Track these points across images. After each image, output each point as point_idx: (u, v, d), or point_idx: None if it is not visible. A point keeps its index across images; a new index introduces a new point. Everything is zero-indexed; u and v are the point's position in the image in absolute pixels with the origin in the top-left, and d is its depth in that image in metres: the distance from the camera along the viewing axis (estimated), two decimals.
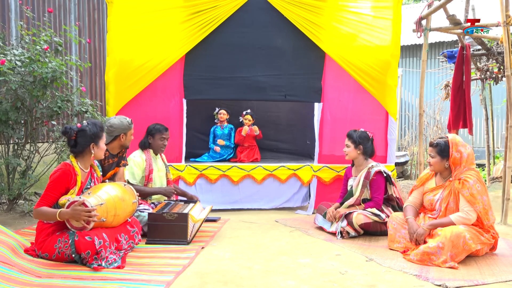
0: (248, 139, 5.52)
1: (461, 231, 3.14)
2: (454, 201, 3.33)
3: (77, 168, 3.12)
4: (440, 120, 9.31)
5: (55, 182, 3.04)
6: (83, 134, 3.15)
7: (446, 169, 3.44)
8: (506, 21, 4.43)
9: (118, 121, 3.86)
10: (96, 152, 3.21)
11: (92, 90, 7.13)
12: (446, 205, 3.36)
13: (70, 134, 3.14)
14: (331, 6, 4.88)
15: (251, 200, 4.99)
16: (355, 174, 4.24)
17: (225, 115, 5.61)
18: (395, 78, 5.09)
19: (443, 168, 3.44)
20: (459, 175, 3.34)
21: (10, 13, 5.41)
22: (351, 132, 4.26)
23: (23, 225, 4.10)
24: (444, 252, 3.09)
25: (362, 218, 3.86)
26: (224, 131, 5.57)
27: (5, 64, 4.07)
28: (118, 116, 3.97)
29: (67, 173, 3.07)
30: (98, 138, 3.20)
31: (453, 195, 3.34)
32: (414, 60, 12.49)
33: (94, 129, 3.18)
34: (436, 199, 3.45)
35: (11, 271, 2.66)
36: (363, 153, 4.20)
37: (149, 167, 4.16)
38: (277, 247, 3.57)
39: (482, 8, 9.04)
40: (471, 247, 3.14)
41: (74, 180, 3.10)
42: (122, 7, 4.74)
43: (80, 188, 3.14)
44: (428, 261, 3.13)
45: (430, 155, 3.49)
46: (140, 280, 2.71)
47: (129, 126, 3.90)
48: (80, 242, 2.90)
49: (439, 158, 3.42)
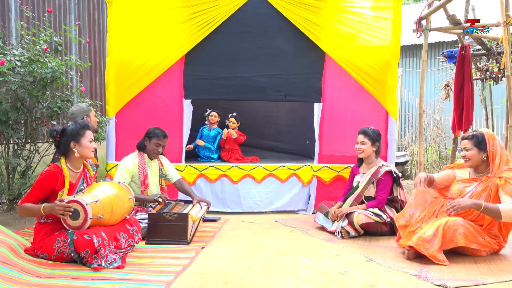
0: (228, 142, 5.49)
1: (457, 224, 3.13)
2: (487, 197, 3.22)
3: (65, 170, 3.12)
4: (440, 120, 9.29)
5: (39, 182, 3.05)
6: (64, 133, 3.16)
7: (483, 163, 3.34)
8: (506, 21, 4.43)
9: (77, 107, 4.17)
10: (79, 151, 3.16)
11: (92, 90, 7.13)
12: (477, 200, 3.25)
13: (54, 135, 3.16)
14: (331, 6, 4.88)
15: (251, 202, 4.98)
16: (363, 171, 4.23)
17: (216, 117, 5.57)
18: (395, 78, 5.09)
19: (481, 161, 3.33)
20: (500, 173, 3.22)
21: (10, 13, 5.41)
22: (367, 129, 4.22)
23: (23, 225, 4.10)
24: (437, 240, 3.11)
25: (363, 218, 3.86)
26: (210, 133, 5.52)
27: (5, 65, 4.07)
28: (76, 104, 4.26)
29: (53, 175, 3.07)
30: (78, 136, 3.15)
31: (488, 191, 3.23)
32: (414, 60, 12.49)
33: (73, 127, 3.17)
34: (467, 191, 3.34)
35: (11, 271, 2.66)
36: (376, 150, 4.20)
37: (143, 172, 4.08)
38: (277, 247, 3.57)
39: (482, 8, 9.03)
40: (457, 242, 3.12)
41: (61, 182, 3.09)
42: (122, 7, 4.74)
43: (69, 189, 3.13)
44: (422, 246, 3.12)
45: (465, 148, 3.36)
46: (140, 280, 2.71)
47: (89, 108, 4.17)
48: (79, 241, 2.90)
49: (477, 150, 3.32)
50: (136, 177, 4.08)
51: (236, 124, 5.59)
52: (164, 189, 4.26)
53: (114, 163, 4.75)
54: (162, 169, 4.26)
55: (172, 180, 4.32)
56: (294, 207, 5.04)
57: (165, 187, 4.28)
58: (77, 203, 2.96)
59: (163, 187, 4.25)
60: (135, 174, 4.08)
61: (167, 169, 4.31)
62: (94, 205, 3.00)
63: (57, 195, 3.08)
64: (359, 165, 4.33)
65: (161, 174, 4.25)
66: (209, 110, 5.64)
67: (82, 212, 2.96)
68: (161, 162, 4.28)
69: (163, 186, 4.25)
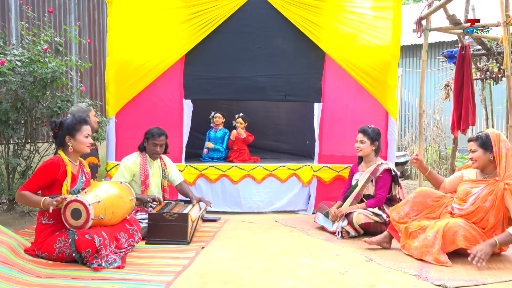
0: (237, 143, 5.49)
1: (457, 226, 3.13)
2: (492, 202, 3.21)
3: (66, 160, 3.13)
4: (440, 120, 9.29)
5: (40, 170, 3.06)
6: (61, 126, 3.17)
7: (490, 163, 3.32)
8: (506, 21, 4.42)
9: (76, 107, 4.15)
10: (74, 145, 3.16)
11: (92, 90, 7.13)
12: (480, 203, 3.24)
13: (52, 126, 3.18)
14: (331, 6, 4.88)
15: (251, 202, 4.98)
16: (362, 170, 4.23)
17: (221, 119, 5.57)
18: (395, 78, 5.09)
19: (487, 162, 3.31)
20: (507, 178, 3.20)
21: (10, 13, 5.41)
22: (366, 128, 4.22)
23: (23, 225, 4.10)
24: (437, 242, 3.11)
25: (362, 218, 3.86)
26: (217, 134, 5.52)
27: (5, 65, 4.07)
28: (76, 104, 4.25)
29: (54, 163, 3.07)
30: (74, 130, 3.15)
31: (493, 195, 3.21)
32: (414, 60, 12.49)
33: (70, 121, 3.16)
34: (473, 192, 3.32)
35: (11, 271, 2.66)
36: (376, 149, 4.20)
37: (144, 172, 4.07)
38: (277, 247, 3.57)
39: (482, 8, 9.03)
40: (458, 244, 3.12)
41: (63, 171, 3.10)
42: (122, 7, 4.74)
43: (72, 179, 3.14)
44: (427, 253, 3.13)
45: (471, 150, 3.35)
46: (140, 280, 2.71)
47: (88, 108, 4.17)
48: (80, 240, 2.91)
49: (482, 151, 3.30)
50: (137, 176, 4.08)
51: (244, 124, 5.58)
52: (166, 190, 4.24)
53: (114, 163, 4.75)
54: (165, 170, 4.24)
55: (174, 183, 4.29)
56: (294, 207, 5.04)
57: (167, 188, 4.25)
58: (79, 202, 2.96)
59: (164, 187, 4.23)
60: (136, 174, 4.08)
61: (170, 170, 4.28)
62: (96, 205, 3.00)
63: (59, 185, 3.08)
64: (358, 163, 4.33)
65: (164, 175, 4.22)
66: (213, 112, 5.64)
67: (84, 212, 2.96)
68: (164, 163, 4.26)
69: (164, 187, 4.22)
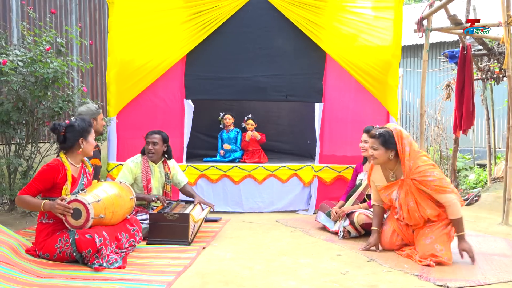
0: (252, 144, 5.50)
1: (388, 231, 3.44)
2: (413, 200, 3.26)
3: (66, 164, 3.15)
4: (441, 120, 9.28)
5: (40, 174, 3.08)
6: (72, 129, 3.19)
7: (390, 161, 3.36)
8: (507, 21, 4.42)
9: (86, 108, 4.08)
10: (85, 147, 3.24)
11: (93, 91, 7.13)
12: (407, 206, 3.30)
13: (59, 130, 3.18)
14: (332, 6, 4.88)
15: (252, 202, 4.98)
16: (367, 170, 4.22)
17: (231, 120, 5.60)
18: (396, 78, 5.09)
19: (387, 159, 3.35)
20: (411, 175, 3.24)
21: (12, 14, 5.41)
22: (370, 128, 4.21)
23: (24, 225, 4.10)
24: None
25: (364, 218, 3.85)
26: (230, 135, 5.55)
27: (7, 65, 4.07)
28: (86, 104, 4.17)
29: (55, 168, 3.09)
30: (87, 133, 3.25)
31: (410, 194, 3.27)
32: (415, 60, 12.48)
33: (82, 124, 3.24)
34: (394, 197, 3.37)
35: (12, 271, 2.66)
36: None
37: (146, 176, 4.04)
38: (278, 247, 3.57)
39: (483, 8, 9.02)
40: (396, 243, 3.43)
41: (63, 175, 3.11)
42: (123, 7, 4.75)
43: (72, 182, 3.15)
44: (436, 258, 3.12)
45: (372, 147, 3.37)
46: (141, 280, 2.71)
47: (98, 111, 4.10)
48: (81, 240, 2.91)
49: (384, 150, 3.32)
50: (139, 180, 4.06)
51: (254, 126, 5.60)
52: (169, 195, 4.19)
53: (115, 163, 4.75)
54: (168, 175, 4.17)
55: (179, 186, 4.27)
56: (295, 207, 5.04)
57: (170, 193, 4.20)
58: (79, 202, 2.96)
59: (167, 192, 4.18)
60: (138, 177, 4.06)
61: (174, 172, 4.23)
62: (96, 204, 3.01)
63: (59, 189, 3.08)
64: (363, 163, 4.33)
65: (167, 180, 4.17)
66: (222, 113, 5.66)
67: (84, 212, 2.96)
68: (168, 167, 4.20)
69: (167, 192, 4.18)
